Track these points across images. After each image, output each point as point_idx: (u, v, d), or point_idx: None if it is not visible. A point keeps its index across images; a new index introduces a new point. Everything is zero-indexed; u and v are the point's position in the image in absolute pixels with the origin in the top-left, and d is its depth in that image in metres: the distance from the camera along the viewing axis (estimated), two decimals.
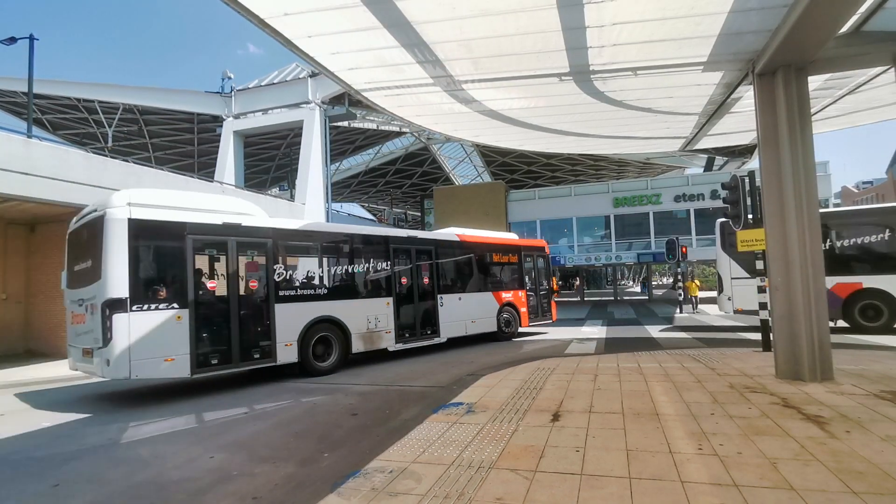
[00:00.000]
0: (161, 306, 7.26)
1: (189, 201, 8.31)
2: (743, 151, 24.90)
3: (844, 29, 6.02)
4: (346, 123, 24.97)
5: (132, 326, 6.93)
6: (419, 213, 43.39)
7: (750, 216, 8.35)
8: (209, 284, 7.97)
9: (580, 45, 6.39)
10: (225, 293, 8.06)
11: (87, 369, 7.55)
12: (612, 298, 34.66)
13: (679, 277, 22.67)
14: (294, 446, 4.99)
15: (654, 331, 14.37)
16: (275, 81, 23.64)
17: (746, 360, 7.95)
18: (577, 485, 3.38)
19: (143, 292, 7.17)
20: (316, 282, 9.47)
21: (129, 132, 27.52)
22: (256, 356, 8.24)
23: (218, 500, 3.76)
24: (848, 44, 6.28)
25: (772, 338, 6.99)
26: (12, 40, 14.78)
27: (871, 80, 7.75)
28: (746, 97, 8.00)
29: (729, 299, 13.35)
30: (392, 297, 10.59)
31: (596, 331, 15.12)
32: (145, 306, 7.11)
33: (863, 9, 5.58)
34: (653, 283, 42.70)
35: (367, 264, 10.31)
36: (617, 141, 13.91)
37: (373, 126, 27.24)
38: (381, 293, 10.46)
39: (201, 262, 7.94)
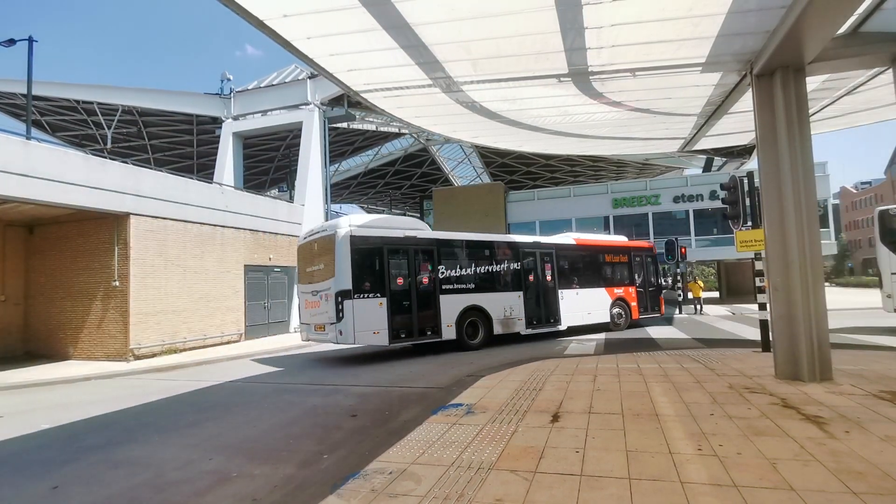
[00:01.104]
0: (370, 295, 10.35)
1: (383, 222, 11.73)
2: (742, 152, 24.91)
3: (842, 30, 6.04)
4: (345, 125, 24.94)
5: (355, 309, 10.05)
6: (419, 215, 43.45)
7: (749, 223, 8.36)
8: (398, 280, 10.97)
9: (579, 47, 6.40)
10: (407, 287, 11.03)
11: (321, 338, 10.81)
12: None
13: (678, 278, 22.62)
14: (294, 447, 4.98)
15: (654, 331, 14.37)
16: (274, 83, 23.61)
17: (746, 360, 7.96)
18: (576, 486, 3.38)
19: (360, 285, 10.26)
20: (467, 278, 12.08)
21: (128, 134, 27.49)
22: (429, 333, 11.14)
23: (217, 501, 3.76)
24: (846, 45, 6.30)
25: (771, 338, 7.00)
26: (11, 42, 14.77)
27: (869, 80, 7.77)
28: (745, 98, 8.01)
29: (889, 297, 11.89)
30: (522, 291, 13.00)
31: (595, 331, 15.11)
32: (362, 295, 10.23)
33: (860, 10, 5.60)
34: None
35: (502, 265, 12.80)
36: (616, 142, 13.93)
37: (372, 127, 27.23)
38: (513, 288, 12.88)
39: (393, 263, 10.93)
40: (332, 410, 6.52)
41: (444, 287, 11.52)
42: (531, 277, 13.31)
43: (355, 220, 10.90)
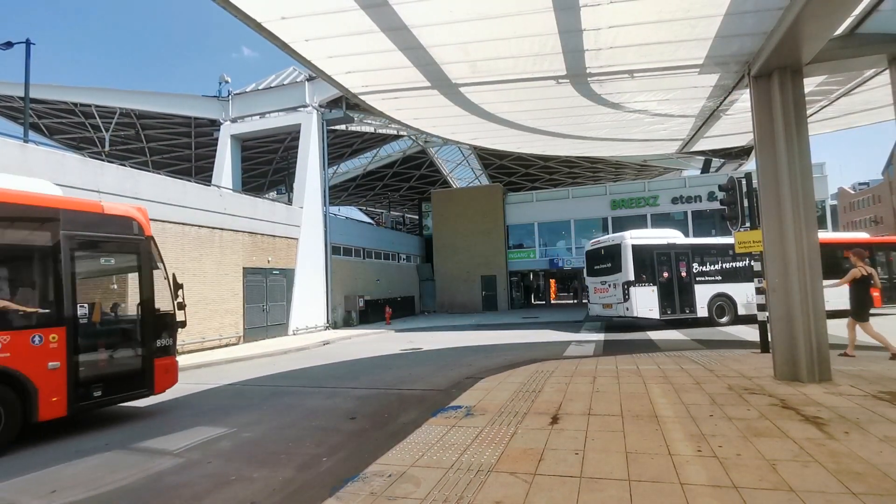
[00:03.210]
0: (645, 284, 14.91)
1: (651, 233, 16.77)
2: (740, 153, 24.97)
3: (840, 31, 6.05)
4: (343, 127, 24.92)
5: (637, 293, 14.74)
6: (417, 216, 43.42)
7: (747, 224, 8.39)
8: (664, 273, 15.26)
9: (577, 48, 6.41)
10: (670, 278, 15.29)
11: (608, 314, 15.98)
12: None
13: None
14: (293, 450, 4.96)
15: (653, 333, 14.37)
16: (272, 85, 23.59)
17: (745, 361, 7.96)
18: (576, 487, 3.37)
19: (639, 278, 14.87)
20: (714, 272, 15.70)
21: (126, 136, 27.46)
22: (687, 311, 15.19)
23: None
24: (843, 46, 6.31)
25: (770, 339, 7.00)
26: (9, 45, 14.76)
27: (867, 81, 7.79)
28: (743, 99, 8.03)
29: None
30: (656, 285, 15.48)
31: (594, 333, 15.13)
32: (640, 284, 14.84)
33: (857, 11, 5.62)
34: None
35: (742, 262, 15.42)
36: (614, 143, 13.96)
37: (370, 129, 27.22)
38: (750, 279, 14.78)
39: (659, 262, 15.26)
40: (331, 413, 6.51)
41: (697, 279, 15.47)
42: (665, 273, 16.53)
43: (634, 234, 15.75)
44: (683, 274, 15.34)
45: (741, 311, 15.45)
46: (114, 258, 7.16)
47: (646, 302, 14.73)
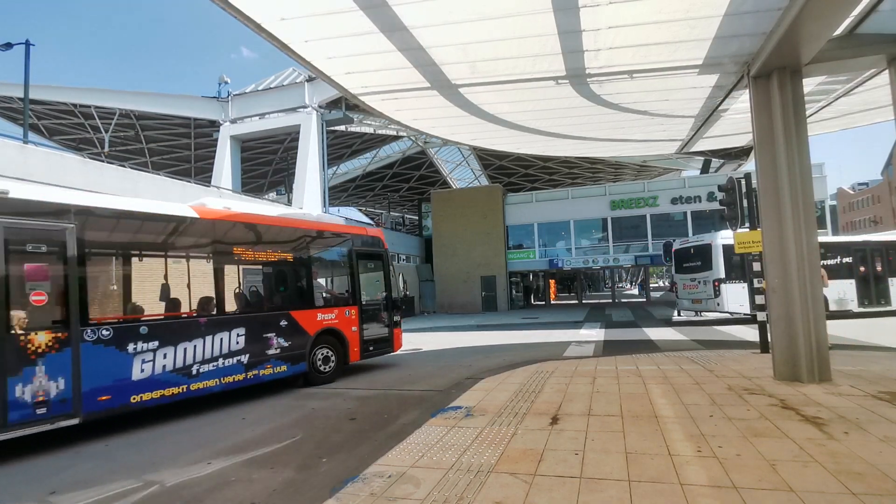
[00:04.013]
0: (735, 281, 15.42)
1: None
2: (739, 154, 25.01)
3: (839, 32, 6.06)
4: (343, 127, 24.95)
5: (727, 290, 15.51)
6: (416, 217, 43.45)
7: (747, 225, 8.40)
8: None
9: (576, 49, 6.41)
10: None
11: (696, 308, 17.17)
12: (610, 301, 34.70)
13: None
14: (292, 451, 4.96)
15: (652, 333, 14.38)
16: (272, 86, 23.61)
17: (744, 361, 7.96)
18: (576, 488, 3.37)
19: (729, 275, 15.58)
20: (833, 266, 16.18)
21: (125, 137, 27.48)
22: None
23: None
24: (842, 46, 6.32)
25: (769, 339, 7.00)
26: (8, 46, 14.77)
27: (866, 81, 7.80)
28: (742, 100, 8.03)
29: None
30: (854, 279, 16.45)
31: (594, 333, 15.11)
32: (728, 281, 15.54)
33: (856, 11, 5.62)
34: (650, 285, 42.73)
35: (833, 259, 16.30)
36: (613, 144, 13.97)
37: (370, 130, 27.25)
38: (845, 276, 16.40)
39: (748, 261, 14.90)
40: (330, 413, 6.50)
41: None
42: (863, 269, 16.87)
43: (724, 234, 15.81)
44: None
45: (832, 307, 16.02)
46: (373, 263, 10.12)
47: (736, 298, 15.31)
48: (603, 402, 5.72)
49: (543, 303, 36.16)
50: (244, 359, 7.25)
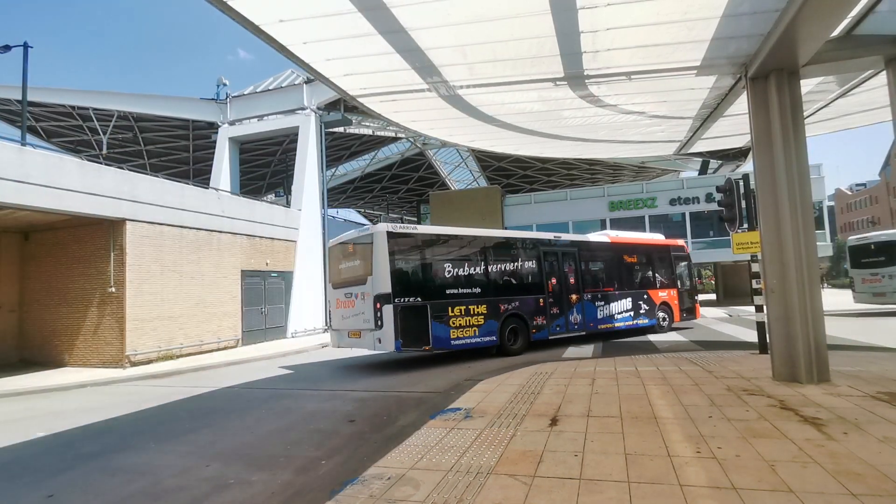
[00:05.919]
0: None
1: None
2: (737, 155, 25.04)
3: (836, 33, 6.07)
4: (341, 129, 24.93)
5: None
6: (415, 218, 43.42)
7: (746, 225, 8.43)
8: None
9: (574, 51, 6.42)
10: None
11: (880, 301, 17.32)
12: None
13: None
14: (291, 453, 4.95)
15: (651, 334, 14.37)
16: (270, 88, 23.59)
17: (743, 362, 7.96)
18: (575, 489, 3.37)
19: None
20: None
21: (123, 139, 27.42)
22: None
23: None
24: (840, 47, 6.33)
25: (768, 340, 7.00)
26: (7, 48, 14.74)
27: (864, 82, 7.82)
28: (740, 101, 8.05)
29: None
30: None
31: None
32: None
33: (854, 12, 5.64)
34: None
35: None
36: (612, 145, 13.98)
37: (368, 132, 27.23)
38: None
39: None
40: (329, 416, 6.49)
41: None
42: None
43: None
44: None
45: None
46: (683, 263, 15.76)
47: None
48: (602, 403, 5.72)
49: None
50: (632, 314, 13.78)
